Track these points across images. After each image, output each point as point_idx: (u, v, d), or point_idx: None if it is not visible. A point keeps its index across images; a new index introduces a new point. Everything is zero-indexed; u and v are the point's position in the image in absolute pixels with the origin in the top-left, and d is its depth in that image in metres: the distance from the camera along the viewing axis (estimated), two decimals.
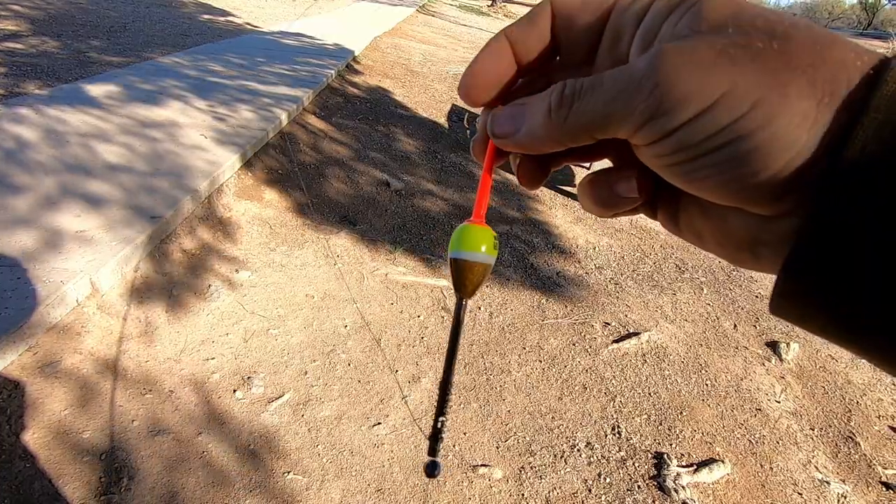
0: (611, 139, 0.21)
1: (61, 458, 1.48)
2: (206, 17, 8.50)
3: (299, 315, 2.25)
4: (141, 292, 2.10)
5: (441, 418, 0.25)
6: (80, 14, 6.81)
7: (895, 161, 0.15)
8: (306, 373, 1.96)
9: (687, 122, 0.17)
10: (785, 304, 0.18)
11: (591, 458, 1.80)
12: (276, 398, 1.83)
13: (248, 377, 1.89)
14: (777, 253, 0.19)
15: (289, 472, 1.60)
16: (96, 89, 3.93)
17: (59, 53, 4.81)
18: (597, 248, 3.22)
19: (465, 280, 0.25)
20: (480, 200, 0.25)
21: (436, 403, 0.25)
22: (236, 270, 2.43)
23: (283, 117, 3.93)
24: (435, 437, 0.25)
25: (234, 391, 1.82)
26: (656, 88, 0.17)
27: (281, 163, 3.48)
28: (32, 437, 1.50)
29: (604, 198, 0.24)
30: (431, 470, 0.25)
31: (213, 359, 1.93)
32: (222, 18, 8.67)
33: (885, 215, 0.15)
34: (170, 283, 2.21)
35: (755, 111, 0.16)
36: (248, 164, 3.25)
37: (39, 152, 2.80)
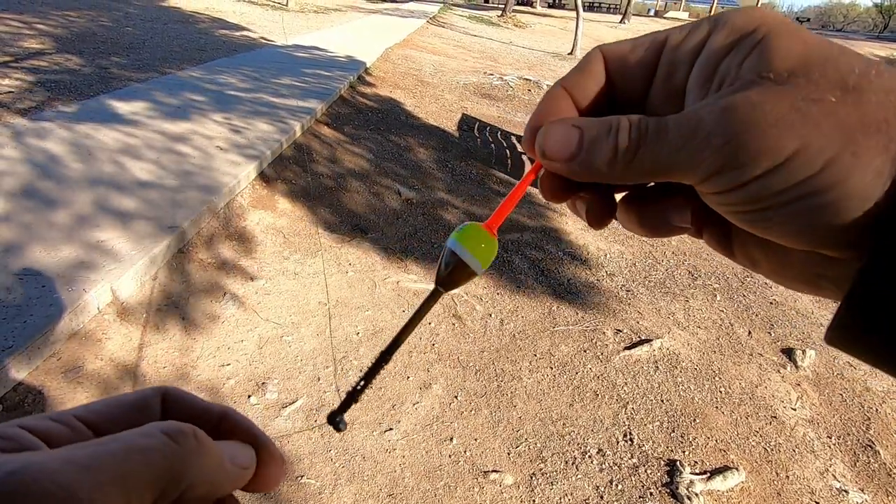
0: None
1: None
2: (221, 32, 8.72)
3: (312, 322, 2.28)
4: (159, 300, 2.15)
5: (364, 383, 0.24)
6: (101, 31, 7.03)
7: None
8: (319, 379, 1.99)
9: (757, 178, 0.17)
10: (841, 336, 0.18)
11: (603, 465, 1.80)
12: (290, 404, 1.86)
13: (263, 383, 1.92)
14: (841, 287, 0.19)
15: (302, 476, 1.62)
16: (117, 104, 4.06)
17: (82, 69, 4.97)
18: (608, 255, 3.21)
19: (453, 278, 0.25)
20: (503, 210, 0.24)
21: (368, 368, 0.24)
22: (251, 278, 2.48)
23: (297, 128, 4.01)
24: (350, 398, 0.23)
25: (249, 396, 1.86)
26: (726, 145, 0.17)
27: (295, 173, 3.54)
28: None
29: (653, 223, 0.24)
30: (334, 419, 0.23)
31: (228, 365, 1.97)
32: (238, 33, 8.87)
33: None
34: (187, 290, 2.26)
35: (828, 169, 0.16)
36: (263, 175, 3.32)
37: (62, 165, 2.90)
